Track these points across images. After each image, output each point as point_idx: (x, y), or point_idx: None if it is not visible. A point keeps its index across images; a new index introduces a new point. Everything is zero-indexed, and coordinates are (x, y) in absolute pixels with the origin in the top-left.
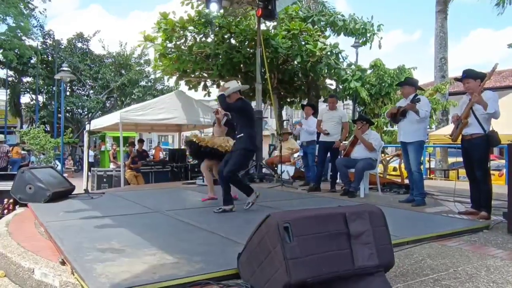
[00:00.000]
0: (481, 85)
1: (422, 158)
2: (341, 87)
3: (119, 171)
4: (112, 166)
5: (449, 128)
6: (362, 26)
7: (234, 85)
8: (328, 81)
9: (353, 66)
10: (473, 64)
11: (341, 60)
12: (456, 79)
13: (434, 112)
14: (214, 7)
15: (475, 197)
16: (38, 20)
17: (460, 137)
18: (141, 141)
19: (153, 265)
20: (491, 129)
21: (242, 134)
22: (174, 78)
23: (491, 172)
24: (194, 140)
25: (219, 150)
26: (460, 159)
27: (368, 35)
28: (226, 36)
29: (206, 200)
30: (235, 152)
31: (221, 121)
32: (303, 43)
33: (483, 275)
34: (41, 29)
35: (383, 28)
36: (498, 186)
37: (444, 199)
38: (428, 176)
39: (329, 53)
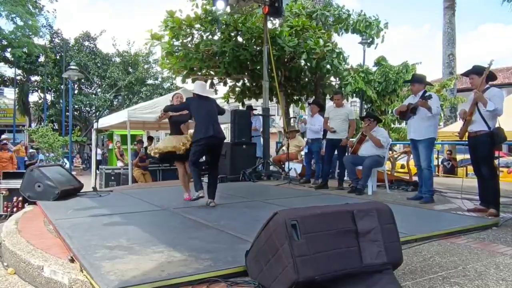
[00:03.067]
0: (481, 82)
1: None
2: (343, 89)
3: (127, 169)
4: (119, 164)
5: (456, 125)
6: (366, 22)
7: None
8: (333, 78)
9: (356, 67)
10: (484, 61)
11: (342, 61)
12: (463, 74)
13: (442, 109)
14: (220, 5)
15: (483, 194)
16: (47, 19)
17: (467, 134)
18: (150, 138)
19: (161, 262)
20: (497, 125)
21: None
22: (181, 76)
23: (500, 169)
24: (167, 150)
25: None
26: (468, 156)
27: (373, 32)
28: (232, 34)
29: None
30: None
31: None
32: (308, 41)
33: (492, 272)
34: (50, 28)
35: (388, 26)
36: (507, 183)
37: (452, 196)
38: (436, 173)
39: (330, 51)
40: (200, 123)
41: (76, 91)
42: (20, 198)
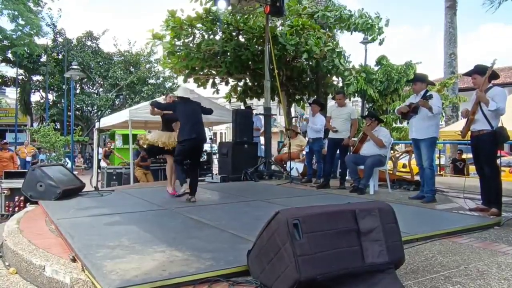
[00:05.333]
0: (484, 81)
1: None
2: (345, 89)
3: (129, 168)
4: (102, 163)
5: (458, 125)
6: (367, 21)
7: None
8: (335, 78)
9: (358, 67)
10: (485, 60)
11: (342, 60)
12: (465, 74)
13: (443, 109)
14: (222, 5)
15: (485, 194)
16: (52, 18)
17: (469, 133)
18: None
19: (163, 262)
20: (500, 125)
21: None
22: (183, 75)
23: (502, 168)
24: (157, 144)
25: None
26: (470, 155)
27: (374, 33)
28: (234, 34)
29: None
30: None
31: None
32: (309, 41)
33: (494, 272)
34: (53, 28)
35: (389, 24)
36: (509, 182)
37: (454, 195)
38: (438, 173)
39: (331, 50)
40: (184, 125)
41: (78, 91)
42: (22, 198)
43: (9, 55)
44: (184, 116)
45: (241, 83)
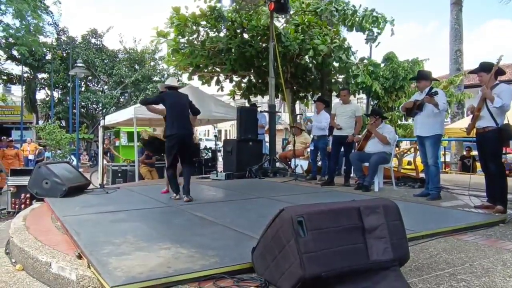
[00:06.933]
0: (490, 78)
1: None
2: (352, 81)
3: (134, 166)
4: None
5: (463, 122)
6: (373, 17)
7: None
8: (340, 75)
9: (365, 61)
10: (491, 58)
11: (351, 56)
12: (471, 72)
13: (449, 105)
14: (226, 2)
15: (491, 191)
16: (53, 18)
17: (474, 130)
18: None
19: (168, 259)
20: (505, 122)
21: None
22: (187, 73)
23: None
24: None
25: None
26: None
27: (380, 26)
28: (238, 31)
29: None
30: None
31: None
32: (315, 40)
33: (499, 269)
34: (56, 26)
35: (394, 23)
36: None
37: (459, 193)
38: (444, 170)
39: (338, 47)
40: (169, 119)
41: (83, 88)
42: (28, 195)
43: (15, 53)
44: (170, 109)
45: (245, 80)
